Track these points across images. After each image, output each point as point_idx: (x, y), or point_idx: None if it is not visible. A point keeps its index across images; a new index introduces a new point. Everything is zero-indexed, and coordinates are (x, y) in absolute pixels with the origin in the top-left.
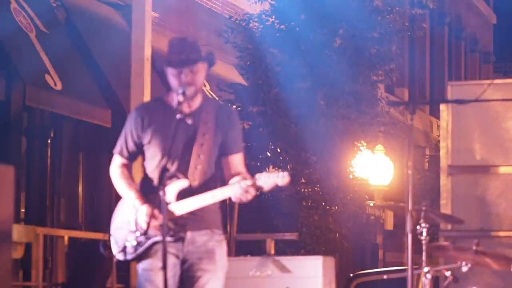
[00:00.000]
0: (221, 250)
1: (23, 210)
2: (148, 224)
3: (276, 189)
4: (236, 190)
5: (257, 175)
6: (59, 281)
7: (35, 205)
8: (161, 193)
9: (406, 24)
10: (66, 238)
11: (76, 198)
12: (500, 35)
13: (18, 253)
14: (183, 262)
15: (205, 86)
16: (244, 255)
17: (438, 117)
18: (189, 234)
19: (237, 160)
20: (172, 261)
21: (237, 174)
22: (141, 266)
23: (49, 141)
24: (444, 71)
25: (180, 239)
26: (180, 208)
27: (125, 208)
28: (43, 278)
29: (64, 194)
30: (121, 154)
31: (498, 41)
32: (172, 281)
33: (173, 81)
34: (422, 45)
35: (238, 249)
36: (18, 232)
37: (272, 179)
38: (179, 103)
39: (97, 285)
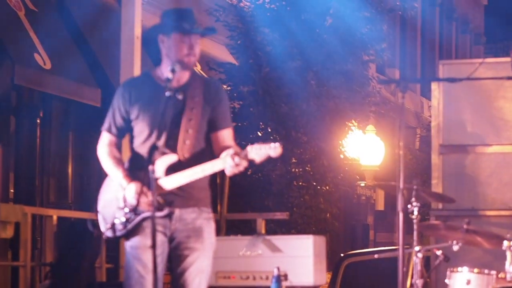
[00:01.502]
0: (209, 228)
1: (12, 190)
2: (138, 201)
3: (267, 168)
4: (227, 162)
5: (249, 147)
6: (48, 261)
7: (24, 184)
8: (150, 168)
9: (398, 3)
10: (55, 217)
11: (66, 178)
12: (491, 16)
13: (7, 233)
14: (171, 240)
15: (195, 65)
16: (234, 234)
17: (429, 98)
18: (177, 211)
19: (226, 135)
20: (160, 238)
21: (227, 148)
22: (129, 244)
23: (38, 121)
24: (435, 52)
25: (169, 215)
26: (170, 182)
27: (112, 185)
28: (32, 258)
29: (53, 173)
30: (109, 130)
31: (489, 22)
32: (160, 259)
33: (174, 48)
34: (414, 25)
35: (228, 228)
36: (6, 211)
37: (264, 150)
38: (168, 80)
39: (86, 264)
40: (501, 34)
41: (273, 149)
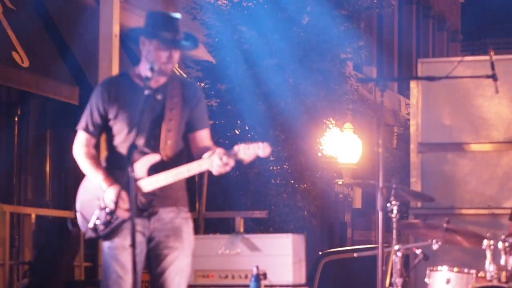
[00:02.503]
0: (188, 227)
1: None
2: (116, 205)
3: (245, 166)
4: (215, 162)
5: (236, 147)
6: (26, 260)
7: (2, 182)
8: (129, 169)
9: (375, 1)
10: (33, 216)
11: (44, 176)
12: (468, 13)
13: None
14: (150, 240)
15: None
16: (212, 233)
17: (406, 96)
18: (150, 210)
19: (204, 135)
20: (138, 238)
21: (206, 148)
22: (107, 244)
23: (16, 119)
24: (412, 49)
25: (150, 215)
26: (154, 182)
27: (91, 185)
28: (10, 257)
29: (31, 171)
30: (86, 129)
31: (466, 19)
32: (138, 259)
33: (154, 54)
34: (391, 23)
35: (206, 227)
36: None
37: (252, 150)
38: (147, 78)
39: (65, 263)
40: (478, 32)
41: (262, 149)
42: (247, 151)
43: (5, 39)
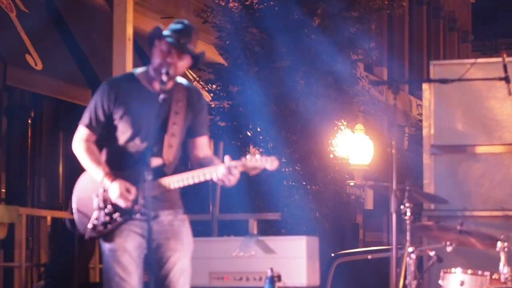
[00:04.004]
0: (186, 229)
1: (3, 190)
2: (124, 198)
3: None
4: (219, 171)
5: (244, 159)
6: (42, 262)
7: (16, 185)
8: (146, 173)
9: (385, 2)
10: (49, 218)
11: (57, 178)
12: (478, 14)
13: (0, 234)
14: (149, 241)
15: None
16: (226, 235)
17: (417, 96)
18: (153, 214)
19: (204, 142)
20: (138, 240)
21: (205, 156)
22: (107, 246)
23: (29, 121)
24: (423, 50)
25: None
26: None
27: (88, 184)
28: (26, 259)
29: (45, 174)
30: (88, 125)
31: (476, 20)
32: (139, 260)
33: (162, 54)
34: (401, 24)
35: (219, 229)
36: (1, 212)
37: (260, 163)
38: (163, 82)
39: (80, 265)
40: (489, 32)
41: (270, 163)
42: (256, 164)
43: (19, 41)
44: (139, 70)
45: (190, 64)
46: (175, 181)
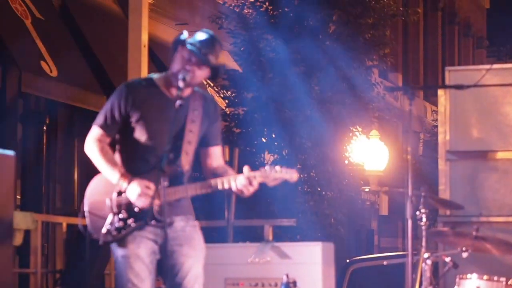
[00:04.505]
0: (198, 235)
1: (18, 197)
2: (144, 196)
3: None
4: (240, 182)
5: (263, 170)
6: (57, 268)
7: (31, 191)
8: (162, 179)
9: (400, 9)
10: (64, 224)
11: (72, 184)
12: (493, 19)
13: (16, 240)
14: (162, 247)
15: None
16: (241, 241)
17: (432, 102)
18: (168, 220)
19: (218, 152)
20: (150, 246)
21: (219, 165)
22: (120, 253)
23: (44, 128)
24: (437, 56)
25: (168, 226)
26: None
27: (101, 187)
28: (41, 265)
29: (60, 180)
30: (102, 125)
31: (491, 25)
32: (151, 267)
33: (183, 61)
34: (416, 30)
35: (234, 235)
36: (17, 219)
37: (280, 174)
38: (180, 89)
39: (96, 271)
40: (504, 38)
41: (290, 174)
42: (275, 175)
43: (34, 48)
44: (158, 75)
45: (209, 74)
46: (192, 189)
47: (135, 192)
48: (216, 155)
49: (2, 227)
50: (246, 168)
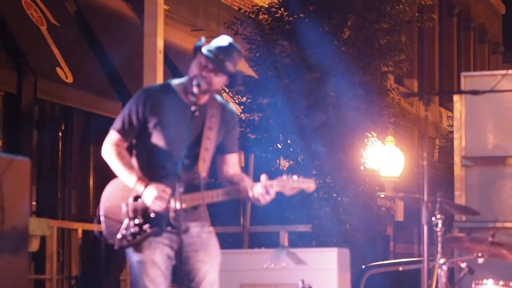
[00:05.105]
0: (214, 241)
1: (34, 203)
2: (161, 199)
3: None
4: (257, 190)
5: (281, 179)
6: (73, 274)
7: (47, 197)
8: (177, 185)
9: (416, 14)
10: (80, 231)
11: (87, 190)
12: (509, 25)
13: (32, 247)
14: (178, 253)
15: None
16: (257, 247)
17: (447, 108)
18: (184, 227)
19: (235, 160)
20: (166, 252)
21: (235, 173)
22: (135, 258)
23: (60, 134)
24: (453, 62)
25: (184, 232)
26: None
27: (117, 192)
28: (57, 271)
29: (75, 186)
30: (120, 130)
31: (507, 31)
32: (167, 272)
33: (198, 67)
34: (431, 35)
35: (250, 241)
36: (33, 225)
37: (298, 184)
38: (194, 95)
39: (111, 277)
40: None
41: (307, 184)
42: (293, 184)
43: (49, 55)
44: (177, 81)
45: (226, 81)
46: (209, 196)
47: (152, 195)
48: (233, 163)
49: (17, 233)
50: (263, 177)
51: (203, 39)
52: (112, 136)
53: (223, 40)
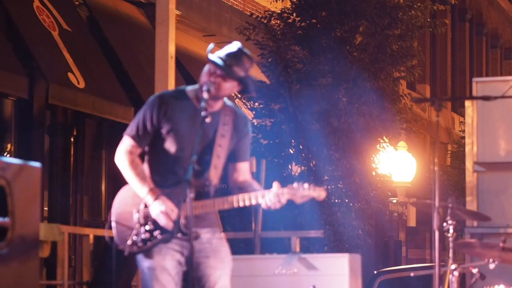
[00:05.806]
0: (225, 247)
1: (46, 209)
2: (167, 216)
3: None
4: (269, 198)
5: (292, 187)
6: (84, 280)
7: (58, 203)
8: (188, 191)
9: (428, 20)
10: (91, 236)
11: (99, 196)
12: None
13: (43, 252)
14: (188, 260)
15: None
16: (269, 253)
17: (459, 113)
18: (195, 233)
19: (246, 168)
20: (177, 258)
21: (245, 180)
22: (146, 264)
23: (72, 139)
24: (465, 67)
25: (194, 239)
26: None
27: (129, 199)
28: (68, 277)
29: (87, 192)
30: (134, 136)
31: None
32: (177, 278)
33: (209, 73)
34: (444, 41)
35: (261, 247)
36: (44, 230)
37: (308, 192)
38: (204, 100)
39: (122, 283)
40: None
41: (318, 192)
42: (303, 193)
43: (61, 60)
44: (190, 87)
45: (237, 87)
46: (220, 203)
47: (159, 209)
48: (243, 171)
49: (29, 239)
50: (275, 184)
51: (211, 45)
52: (126, 143)
53: (233, 46)
